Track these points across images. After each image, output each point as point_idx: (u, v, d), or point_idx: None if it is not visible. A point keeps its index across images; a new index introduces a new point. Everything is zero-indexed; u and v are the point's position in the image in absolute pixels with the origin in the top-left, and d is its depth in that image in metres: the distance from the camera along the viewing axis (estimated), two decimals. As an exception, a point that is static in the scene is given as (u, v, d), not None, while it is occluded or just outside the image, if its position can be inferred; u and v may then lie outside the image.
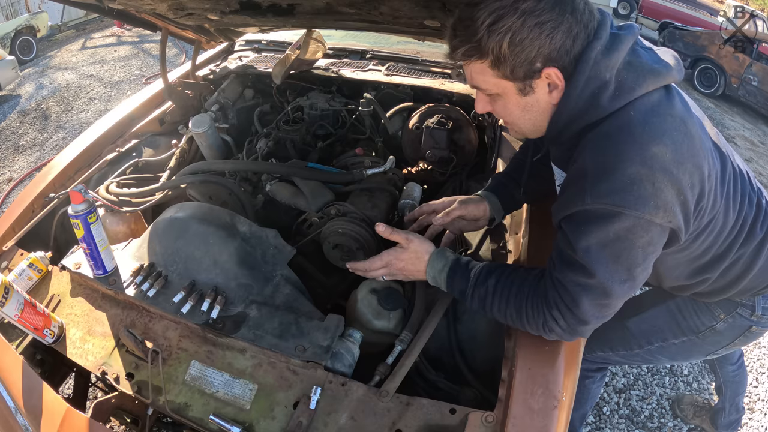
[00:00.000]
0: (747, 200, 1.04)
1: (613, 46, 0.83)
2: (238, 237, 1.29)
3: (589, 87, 0.83)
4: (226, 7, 1.52)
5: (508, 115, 0.95)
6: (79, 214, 1.15)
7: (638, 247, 0.83)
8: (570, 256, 0.88)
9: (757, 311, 1.20)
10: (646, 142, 0.80)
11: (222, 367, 1.10)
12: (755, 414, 2.22)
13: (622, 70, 0.84)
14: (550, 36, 0.80)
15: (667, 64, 0.87)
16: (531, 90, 0.88)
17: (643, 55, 0.87)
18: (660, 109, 0.84)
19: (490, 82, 0.89)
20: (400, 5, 1.33)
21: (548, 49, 0.82)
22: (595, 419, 2.15)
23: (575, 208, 0.85)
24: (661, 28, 8.63)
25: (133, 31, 8.11)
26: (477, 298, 1.02)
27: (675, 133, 0.82)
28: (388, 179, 1.61)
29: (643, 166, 0.79)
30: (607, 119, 0.85)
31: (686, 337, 1.31)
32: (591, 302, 0.87)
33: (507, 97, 0.91)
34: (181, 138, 1.90)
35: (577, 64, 0.83)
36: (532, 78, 0.86)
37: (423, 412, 0.98)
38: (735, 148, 5.33)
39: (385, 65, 2.27)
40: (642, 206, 0.79)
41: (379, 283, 1.27)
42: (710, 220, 0.96)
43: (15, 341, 1.26)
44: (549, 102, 0.89)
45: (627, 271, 0.86)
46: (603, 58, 0.82)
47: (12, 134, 4.85)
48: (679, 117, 0.84)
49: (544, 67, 0.84)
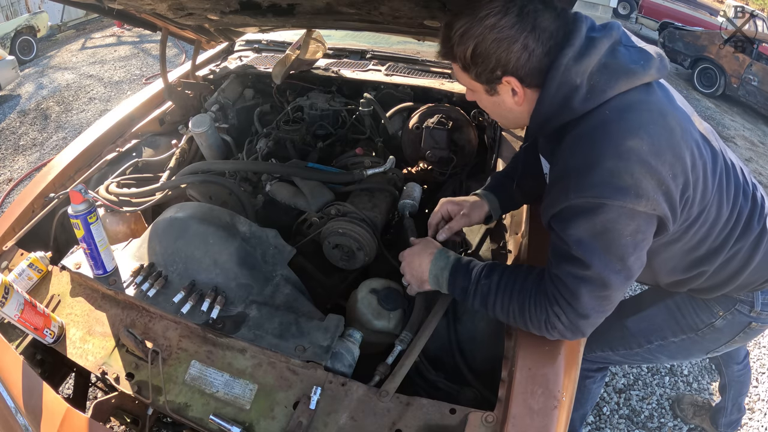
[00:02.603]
0: (742, 193, 1.06)
1: (586, 52, 0.88)
2: (238, 237, 1.29)
3: (561, 91, 0.89)
4: (226, 7, 1.52)
5: (485, 108, 1.07)
6: (79, 214, 1.15)
7: (627, 236, 0.86)
8: (565, 251, 0.90)
9: (756, 307, 1.20)
10: (622, 137, 0.84)
11: (222, 367, 1.10)
12: (755, 414, 2.22)
13: (595, 72, 0.88)
14: (507, 51, 0.89)
15: (645, 63, 0.90)
16: (496, 92, 0.98)
17: (622, 56, 0.89)
18: (636, 105, 0.88)
19: (465, 80, 1.01)
20: (400, 5, 1.33)
21: (504, 60, 0.90)
22: (595, 419, 2.15)
23: (561, 206, 0.89)
24: (661, 28, 8.64)
25: (133, 31, 8.11)
26: (479, 295, 1.03)
27: (651, 127, 0.85)
28: (388, 179, 1.61)
29: (620, 159, 0.83)
30: (584, 119, 0.90)
31: (685, 335, 1.31)
32: (590, 294, 0.89)
33: (479, 95, 1.03)
34: (181, 138, 1.90)
35: (549, 71, 0.90)
36: (494, 83, 0.95)
37: (423, 412, 0.98)
38: (735, 148, 5.34)
39: (385, 65, 2.27)
40: (623, 196, 0.83)
41: (379, 283, 1.27)
42: (701, 211, 0.97)
43: (15, 341, 1.26)
44: (514, 103, 0.98)
45: (620, 261, 0.88)
46: (574, 65, 0.88)
47: (12, 134, 4.85)
48: (657, 111, 0.88)
49: (504, 76, 0.93)
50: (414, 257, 1.15)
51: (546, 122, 0.95)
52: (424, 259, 1.13)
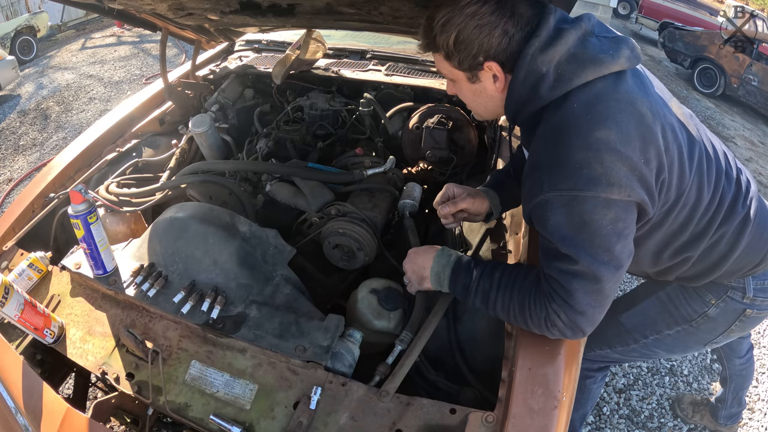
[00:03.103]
0: (725, 177, 1.06)
1: (552, 42, 0.91)
2: (238, 237, 1.29)
3: (529, 79, 0.93)
4: (226, 7, 1.52)
5: (464, 98, 1.09)
6: (79, 214, 1.15)
7: (606, 226, 0.87)
8: (553, 249, 0.91)
9: (749, 293, 1.20)
10: (590, 128, 0.86)
11: (222, 367, 1.10)
12: (755, 414, 2.22)
13: (563, 62, 0.91)
14: (489, 36, 0.92)
15: (614, 53, 0.91)
16: (477, 79, 1.00)
17: (591, 46, 0.92)
18: (603, 96, 0.89)
19: (447, 69, 1.03)
20: (400, 5, 1.33)
21: (486, 46, 0.93)
22: (595, 419, 2.15)
23: (537, 198, 0.91)
24: (661, 28, 8.65)
25: (133, 31, 8.10)
26: (480, 293, 1.03)
27: (619, 116, 0.87)
28: (388, 179, 1.61)
29: (588, 150, 0.85)
30: (554, 110, 0.92)
31: (680, 327, 1.31)
32: (583, 290, 0.89)
33: (460, 84, 1.04)
34: (181, 138, 1.90)
35: (517, 59, 0.93)
36: (476, 69, 0.98)
37: (423, 412, 0.98)
38: (735, 148, 5.34)
39: (385, 65, 2.27)
40: (595, 186, 0.84)
41: (380, 283, 1.27)
42: (681, 195, 0.98)
43: (15, 341, 1.26)
44: (495, 90, 1.01)
45: (606, 252, 0.88)
46: (540, 54, 0.91)
47: (12, 134, 4.85)
48: (625, 99, 0.89)
49: (486, 61, 0.95)
50: (417, 255, 1.16)
51: (518, 108, 0.98)
52: (426, 256, 1.13)
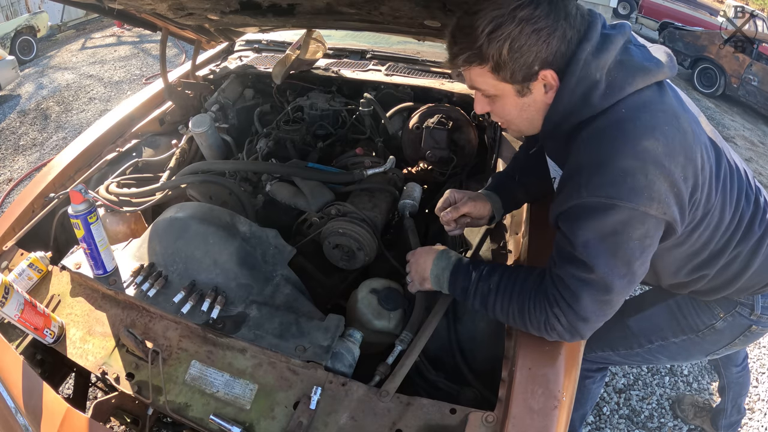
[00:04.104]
0: (744, 197, 1.05)
1: (603, 47, 0.86)
2: (238, 237, 1.29)
3: (581, 86, 0.87)
4: (226, 7, 1.52)
5: (506, 114, 0.99)
6: (79, 214, 1.15)
7: (635, 240, 0.85)
8: (569, 253, 0.89)
9: (756, 310, 1.20)
10: (638, 136, 0.83)
11: (222, 367, 1.10)
12: (755, 414, 2.22)
13: (613, 69, 0.87)
14: (547, 42, 0.85)
15: (658, 61, 0.90)
16: (528, 91, 0.92)
17: (635, 54, 0.89)
18: (651, 105, 0.87)
19: (490, 84, 0.93)
20: (400, 5, 1.33)
21: (545, 53, 0.86)
22: (595, 419, 2.15)
23: (572, 202, 0.87)
24: (661, 28, 8.64)
25: (133, 31, 8.10)
26: (479, 295, 1.03)
27: (666, 128, 0.84)
28: (388, 179, 1.61)
29: (635, 159, 0.81)
30: (600, 116, 0.88)
31: (686, 336, 1.31)
32: (591, 298, 0.88)
33: (505, 98, 0.95)
34: (181, 138, 1.90)
35: (569, 65, 0.87)
36: (530, 80, 0.90)
37: (423, 412, 0.98)
38: (735, 148, 5.34)
39: (385, 65, 2.27)
40: (636, 198, 0.81)
41: (380, 283, 1.27)
42: (706, 214, 0.97)
43: (15, 341, 1.26)
44: (544, 101, 0.93)
45: (626, 266, 0.87)
46: (593, 59, 0.86)
47: (12, 134, 4.85)
48: (671, 112, 0.87)
49: (541, 70, 0.88)
50: (420, 256, 1.16)
51: (562, 121, 0.92)
52: (427, 258, 1.13)
